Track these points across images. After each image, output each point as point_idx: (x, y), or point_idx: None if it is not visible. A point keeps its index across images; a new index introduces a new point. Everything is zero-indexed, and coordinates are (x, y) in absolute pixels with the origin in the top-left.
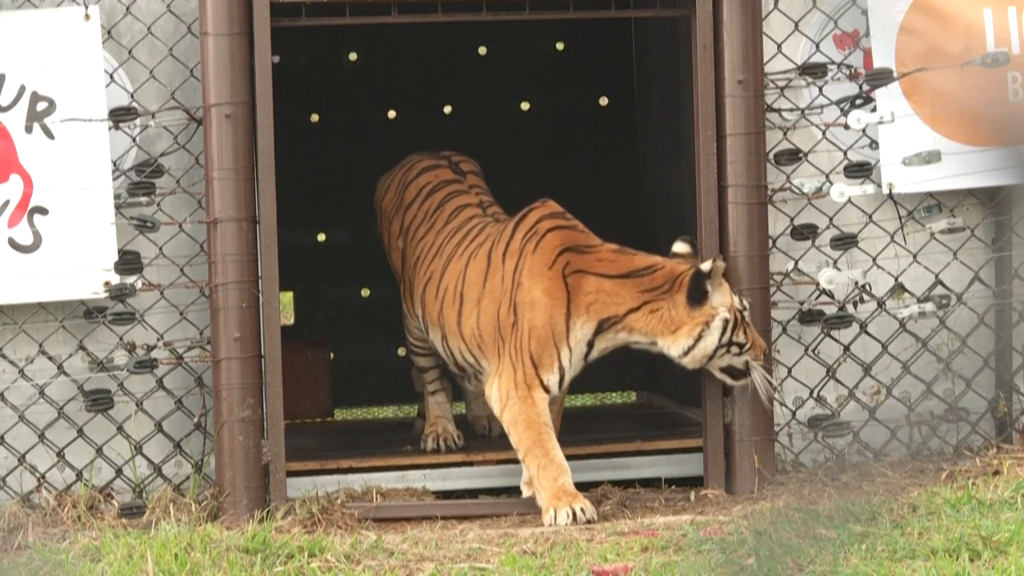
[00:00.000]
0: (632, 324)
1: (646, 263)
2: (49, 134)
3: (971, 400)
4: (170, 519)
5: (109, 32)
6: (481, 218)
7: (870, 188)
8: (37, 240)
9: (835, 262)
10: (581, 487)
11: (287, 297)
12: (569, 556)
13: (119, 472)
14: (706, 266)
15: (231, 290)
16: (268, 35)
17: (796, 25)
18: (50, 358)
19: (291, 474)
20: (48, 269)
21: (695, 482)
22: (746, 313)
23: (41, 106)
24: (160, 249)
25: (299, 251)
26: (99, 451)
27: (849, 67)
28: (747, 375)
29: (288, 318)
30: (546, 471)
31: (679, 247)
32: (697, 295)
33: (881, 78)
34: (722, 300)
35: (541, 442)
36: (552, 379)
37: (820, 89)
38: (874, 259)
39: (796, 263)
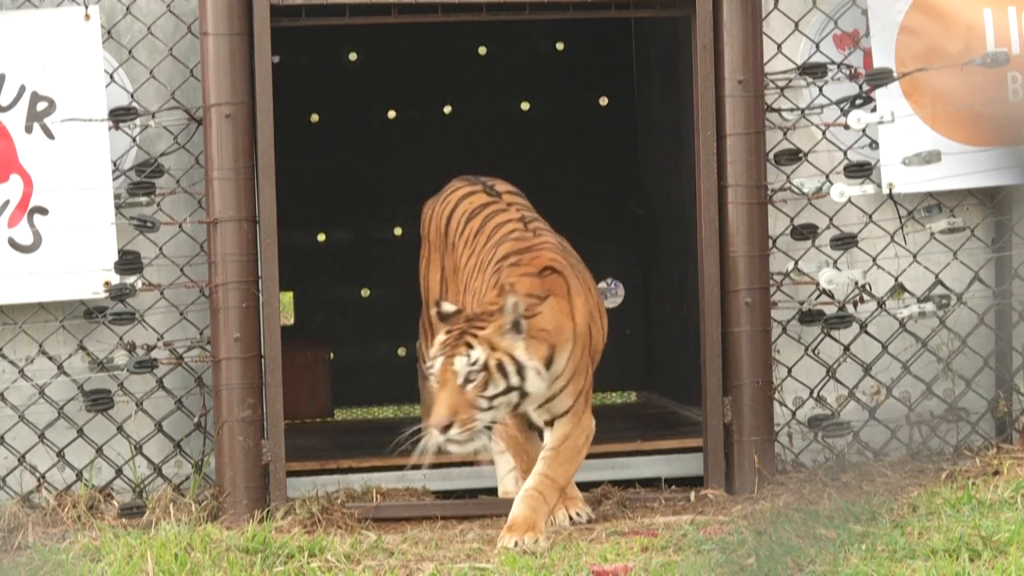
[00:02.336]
0: None
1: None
2: (49, 134)
3: (971, 400)
4: (170, 519)
5: (109, 32)
6: (522, 232)
7: (870, 188)
8: (37, 240)
9: (835, 262)
10: (581, 487)
11: (287, 297)
12: (569, 556)
13: (119, 472)
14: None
15: (231, 290)
16: (268, 35)
17: (796, 25)
18: (50, 358)
19: (291, 474)
20: (48, 269)
21: (695, 482)
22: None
23: (41, 106)
24: (160, 249)
25: (299, 251)
26: (99, 451)
27: (849, 67)
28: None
29: (288, 318)
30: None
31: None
32: None
33: (881, 78)
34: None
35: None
36: None
37: (820, 89)
38: (874, 259)
39: (796, 263)
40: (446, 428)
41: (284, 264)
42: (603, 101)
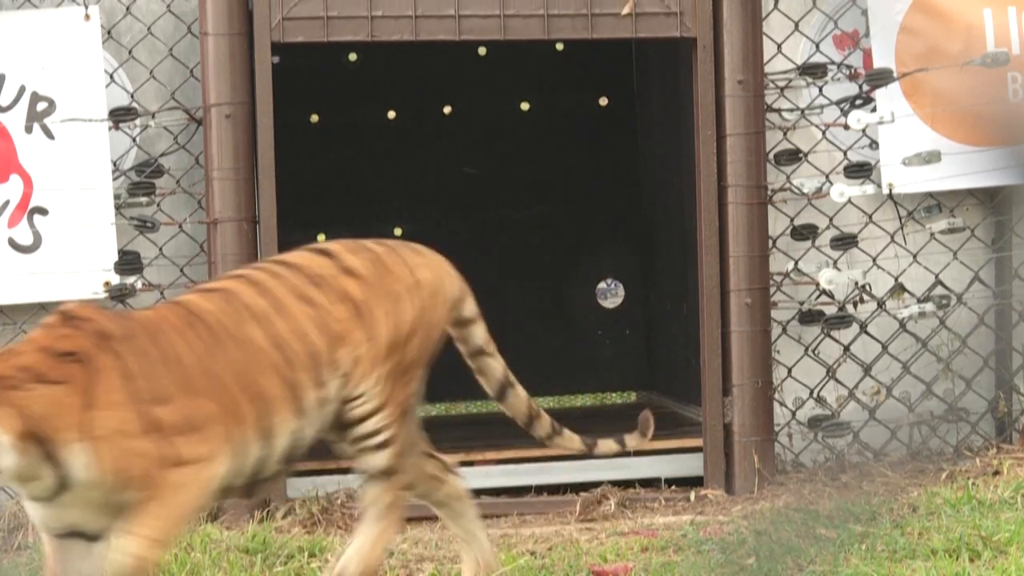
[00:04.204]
0: None
1: None
2: (49, 134)
3: (971, 400)
4: None
5: (109, 32)
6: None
7: (870, 188)
8: (37, 240)
9: (835, 262)
10: (581, 487)
11: None
12: (569, 556)
13: None
14: None
15: None
16: (268, 35)
17: (796, 25)
18: None
19: (291, 474)
20: (48, 269)
21: (695, 482)
22: None
23: (41, 106)
24: (160, 249)
25: None
26: None
27: (849, 67)
28: None
29: None
30: None
31: None
32: None
33: (881, 78)
34: None
35: None
36: None
37: (820, 89)
38: (874, 259)
39: (796, 263)
40: None
41: None
42: (603, 101)
